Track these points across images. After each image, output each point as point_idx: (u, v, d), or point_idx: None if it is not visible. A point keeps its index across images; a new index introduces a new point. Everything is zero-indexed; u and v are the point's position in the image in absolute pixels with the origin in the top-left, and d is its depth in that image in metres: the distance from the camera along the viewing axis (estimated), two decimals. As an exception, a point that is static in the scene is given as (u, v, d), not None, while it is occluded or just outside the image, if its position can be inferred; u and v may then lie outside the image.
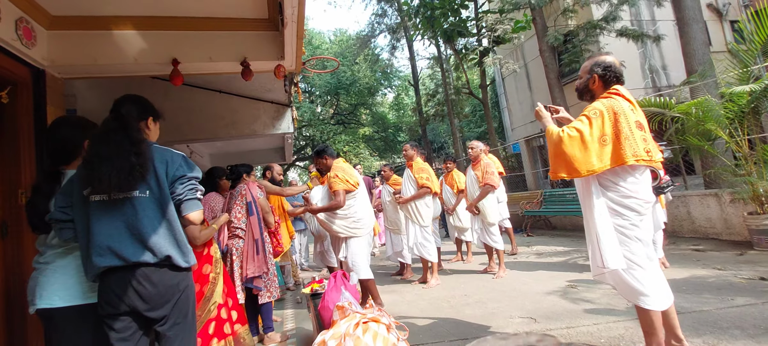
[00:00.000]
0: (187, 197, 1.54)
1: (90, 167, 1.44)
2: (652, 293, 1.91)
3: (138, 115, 1.65)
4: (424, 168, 4.56)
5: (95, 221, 1.47)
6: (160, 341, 1.55)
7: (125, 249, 1.45)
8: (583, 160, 1.91)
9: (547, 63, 8.34)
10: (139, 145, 1.48)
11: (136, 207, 1.48)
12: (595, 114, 1.95)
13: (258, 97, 5.73)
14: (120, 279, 1.46)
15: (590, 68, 2.10)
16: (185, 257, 1.55)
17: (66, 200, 1.53)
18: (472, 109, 20.00)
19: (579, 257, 4.98)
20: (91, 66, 3.03)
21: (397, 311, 3.72)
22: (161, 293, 1.49)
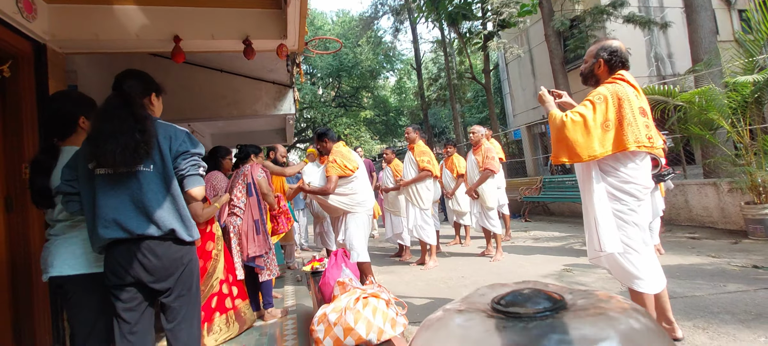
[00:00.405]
0: (189, 172, 1.56)
1: (95, 143, 1.46)
2: (646, 277, 1.95)
3: (141, 91, 1.65)
4: (425, 151, 4.57)
5: (101, 194, 1.50)
6: (165, 312, 1.60)
7: (130, 222, 1.48)
8: (585, 146, 1.91)
9: (552, 48, 8.25)
10: (144, 122, 1.50)
11: (141, 181, 1.51)
12: (599, 99, 1.94)
13: (260, 78, 5.70)
14: (125, 251, 1.49)
15: (596, 52, 2.09)
16: (189, 231, 1.59)
17: (72, 173, 1.56)
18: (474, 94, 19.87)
19: (575, 242, 5.04)
20: (92, 41, 3.01)
21: (395, 291, 3.79)
22: (165, 266, 1.53)
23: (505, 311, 0.28)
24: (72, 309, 1.63)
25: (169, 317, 1.59)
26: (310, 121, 21.42)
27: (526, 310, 0.28)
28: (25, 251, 2.65)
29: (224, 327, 2.94)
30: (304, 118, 21.56)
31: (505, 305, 0.29)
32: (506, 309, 0.28)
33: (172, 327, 1.59)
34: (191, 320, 1.65)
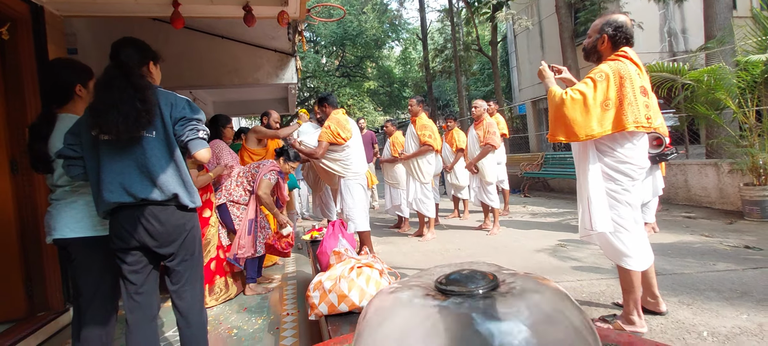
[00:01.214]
0: (189, 137, 1.59)
1: (97, 114, 1.48)
2: (635, 255, 2.00)
3: (139, 60, 1.65)
4: (427, 125, 4.55)
5: (105, 159, 1.53)
6: (169, 275, 1.67)
7: (134, 186, 1.52)
8: (584, 125, 1.88)
9: (563, 21, 8.03)
10: (144, 91, 1.51)
11: (145, 147, 1.54)
12: (600, 77, 1.90)
13: (261, 45, 5.62)
14: (130, 216, 1.54)
15: (600, 27, 2.03)
16: (191, 197, 1.63)
17: (75, 138, 1.58)
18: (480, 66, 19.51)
19: (572, 219, 5.10)
20: (90, 4, 2.98)
21: (392, 261, 3.89)
22: (169, 232, 1.58)
23: (444, 289, 0.30)
24: (76, 270, 1.70)
25: (173, 280, 1.67)
26: (313, 91, 21.17)
27: (460, 288, 0.30)
28: (32, 212, 2.73)
29: (224, 288, 3.06)
30: (307, 87, 21.30)
31: (445, 284, 0.31)
32: (445, 288, 0.31)
33: (176, 289, 1.67)
34: (194, 282, 1.72)
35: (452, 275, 0.33)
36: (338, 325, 1.50)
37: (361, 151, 3.52)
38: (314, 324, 2.35)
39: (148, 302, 1.66)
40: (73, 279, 1.73)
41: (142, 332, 1.63)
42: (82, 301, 1.70)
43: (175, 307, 1.70)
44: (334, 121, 3.43)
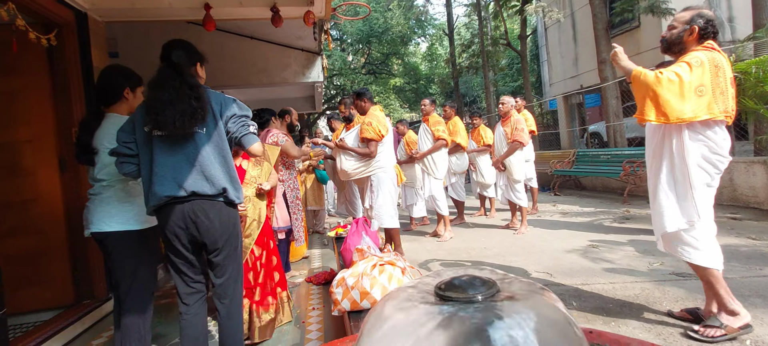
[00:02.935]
0: (242, 133, 1.68)
1: (153, 111, 1.56)
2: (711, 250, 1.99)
3: (187, 61, 1.74)
4: (439, 121, 4.54)
5: (158, 154, 1.62)
6: (213, 268, 1.76)
7: (186, 180, 1.61)
8: (676, 107, 1.87)
9: (596, 12, 7.67)
10: (198, 89, 1.60)
11: (197, 142, 1.63)
12: (697, 63, 1.88)
13: (289, 45, 5.73)
14: (179, 211, 1.63)
15: (690, 19, 1.99)
16: (237, 193, 1.71)
17: (129, 136, 1.68)
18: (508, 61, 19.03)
19: (605, 219, 4.90)
20: (128, 9, 3.14)
21: (417, 259, 3.89)
22: (216, 227, 1.67)
23: (443, 295, 0.30)
24: (113, 263, 1.81)
25: (217, 273, 1.75)
26: (340, 88, 21.38)
27: (459, 295, 0.30)
28: (78, 207, 2.90)
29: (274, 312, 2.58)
30: (334, 85, 21.53)
31: (444, 290, 0.31)
32: (445, 293, 0.30)
33: (221, 282, 1.76)
34: (237, 276, 1.82)
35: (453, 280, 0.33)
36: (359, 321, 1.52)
37: (391, 148, 3.56)
38: (338, 319, 2.39)
39: (201, 287, 1.78)
40: (112, 271, 1.85)
41: (199, 313, 1.74)
42: (121, 291, 1.81)
43: (217, 299, 1.78)
44: (374, 118, 3.41)
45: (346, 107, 3.86)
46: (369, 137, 3.32)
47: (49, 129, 2.89)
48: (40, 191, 2.88)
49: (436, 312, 0.29)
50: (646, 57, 10.84)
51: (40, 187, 2.88)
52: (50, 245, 2.87)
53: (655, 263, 3.11)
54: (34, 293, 2.82)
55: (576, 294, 2.65)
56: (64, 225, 2.90)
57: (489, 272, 0.35)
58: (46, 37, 2.69)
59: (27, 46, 2.65)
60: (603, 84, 7.48)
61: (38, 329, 2.44)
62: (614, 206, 5.72)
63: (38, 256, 2.85)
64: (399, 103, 24.69)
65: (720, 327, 1.92)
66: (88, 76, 2.99)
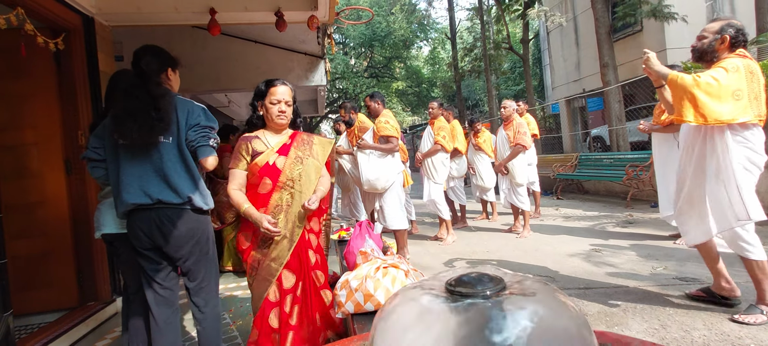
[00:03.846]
0: (199, 143, 1.67)
1: (118, 121, 1.59)
2: (758, 244, 2.09)
3: (158, 68, 1.75)
4: (443, 127, 4.55)
5: (125, 162, 1.64)
6: (186, 273, 1.77)
7: (152, 188, 1.62)
8: (715, 109, 1.95)
9: (599, 16, 7.69)
10: (159, 100, 1.60)
11: (161, 151, 1.64)
12: (733, 68, 1.99)
13: (292, 48, 5.77)
14: (146, 218, 1.64)
15: (720, 29, 2.11)
16: (205, 199, 1.72)
17: (99, 142, 1.71)
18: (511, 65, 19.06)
19: (608, 223, 4.89)
20: (134, 14, 3.17)
21: (420, 262, 3.89)
22: (182, 234, 1.68)
23: (454, 290, 0.31)
24: (122, 263, 1.83)
25: (190, 277, 1.76)
26: (342, 92, 21.46)
27: (469, 290, 0.31)
28: (84, 209, 2.94)
29: None
30: (337, 88, 21.61)
31: (454, 285, 0.33)
32: (455, 289, 0.31)
33: (194, 286, 1.76)
34: (210, 278, 1.82)
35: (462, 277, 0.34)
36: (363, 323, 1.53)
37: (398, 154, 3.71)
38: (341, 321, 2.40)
39: (171, 297, 1.76)
40: (121, 270, 1.88)
41: (168, 324, 1.73)
42: (130, 292, 1.83)
43: (192, 303, 1.79)
44: (390, 117, 3.67)
45: (346, 112, 3.89)
46: (389, 134, 3.57)
47: (56, 132, 2.91)
48: (46, 194, 2.90)
49: (446, 307, 0.30)
50: (648, 61, 10.84)
51: (46, 189, 2.90)
52: (55, 247, 2.89)
53: (658, 268, 3.10)
54: (39, 294, 2.84)
55: (578, 298, 2.64)
56: (70, 227, 2.92)
57: (496, 270, 0.36)
58: (54, 42, 2.73)
59: (34, 50, 2.68)
60: (606, 88, 7.48)
61: (43, 331, 2.46)
62: (617, 210, 5.71)
63: (43, 258, 2.87)
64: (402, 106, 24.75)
65: (762, 314, 2.07)
66: (94, 79, 3.02)
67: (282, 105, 1.83)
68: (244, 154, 1.83)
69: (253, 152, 1.82)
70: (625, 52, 11.39)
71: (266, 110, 1.85)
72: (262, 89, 1.87)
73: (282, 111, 1.84)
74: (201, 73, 5.53)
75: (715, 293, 2.32)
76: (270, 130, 1.90)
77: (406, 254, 3.95)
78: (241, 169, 1.83)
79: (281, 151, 1.84)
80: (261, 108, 1.88)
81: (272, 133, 1.90)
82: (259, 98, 1.88)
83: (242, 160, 1.83)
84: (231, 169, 1.83)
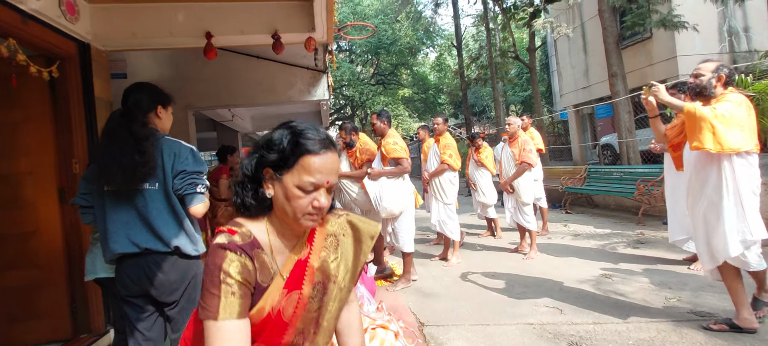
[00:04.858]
0: (186, 191, 1.59)
1: (100, 163, 1.53)
2: None
3: (147, 106, 1.68)
4: (449, 144, 4.43)
5: (110, 209, 1.58)
6: (170, 322, 1.70)
7: (138, 236, 1.55)
8: (730, 138, 2.15)
9: (606, 25, 7.53)
10: (142, 142, 1.53)
11: (146, 198, 1.57)
12: (738, 102, 2.25)
13: (294, 63, 5.72)
14: (133, 265, 1.57)
15: (716, 68, 2.35)
16: (194, 245, 1.64)
17: (87, 186, 1.64)
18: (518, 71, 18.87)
19: (618, 243, 4.72)
20: (130, 39, 3.13)
21: (422, 285, 3.78)
22: (171, 281, 1.60)
23: None
24: (114, 306, 1.78)
25: (173, 327, 1.68)
26: (349, 99, 21.47)
27: None
28: (78, 239, 2.89)
29: None
30: (343, 95, 21.64)
31: None
32: None
33: (176, 337, 1.68)
34: None
35: None
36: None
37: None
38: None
39: None
40: (113, 312, 1.82)
41: None
42: (122, 330, 1.77)
43: None
44: (397, 137, 3.70)
45: (346, 133, 3.80)
46: (399, 156, 3.58)
47: (50, 160, 2.88)
48: (39, 223, 2.86)
49: None
50: (658, 69, 10.60)
51: (40, 218, 2.86)
52: (48, 278, 2.85)
53: (671, 299, 2.95)
54: (31, 326, 2.79)
55: (588, 335, 2.51)
56: (63, 257, 2.87)
57: None
58: (48, 70, 2.69)
59: (28, 79, 2.65)
60: (615, 99, 7.31)
61: (33, 367, 2.40)
62: (628, 226, 5.53)
63: (36, 288, 2.82)
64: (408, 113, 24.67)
65: None
66: (90, 106, 2.99)
67: (321, 195, 0.89)
68: (234, 288, 0.86)
69: (250, 284, 0.89)
70: (634, 59, 11.17)
71: (285, 196, 0.88)
72: (284, 149, 0.89)
73: (318, 208, 0.89)
74: (203, 89, 5.51)
75: (737, 325, 2.33)
76: (278, 230, 0.95)
77: (411, 277, 3.85)
78: (231, 321, 0.85)
79: (292, 282, 0.94)
80: (270, 185, 0.91)
81: (281, 237, 0.95)
82: (272, 165, 0.90)
83: (232, 301, 0.85)
84: (213, 324, 0.85)
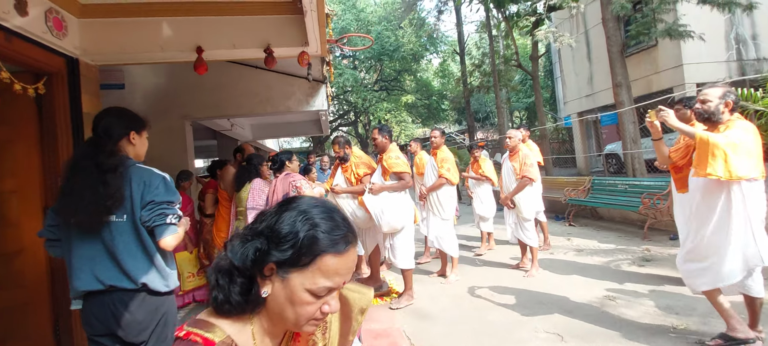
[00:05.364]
0: (155, 222, 1.50)
1: (62, 198, 1.44)
2: None
3: (119, 133, 1.58)
4: (447, 158, 4.32)
5: (76, 243, 1.49)
6: None
7: (103, 273, 1.46)
8: (739, 165, 2.16)
9: (610, 34, 7.41)
10: (106, 174, 1.44)
11: (113, 231, 1.47)
12: (746, 130, 2.27)
13: (292, 73, 5.67)
14: (99, 303, 1.48)
15: (723, 94, 2.35)
16: (165, 281, 1.54)
17: (55, 219, 1.55)
18: (522, 78, 18.76)
19: (623, 260, 4.57)
20: (120, 53, 3.07)
21: (418, 306, 3.66)
22: (138, 321, 1.50)
23: None
24: None
25: None
26: (352, 105, 21.44)
27: None
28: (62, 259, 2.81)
29: None
30: (347, 101, 21.62)
31: None
32: None
33: None
34: None
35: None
36: None
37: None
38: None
39: None
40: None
41: None
42: None
43: None
44: (398, 152, 3.69)
45: (340, 147, 3.72)
46: (401, 171, 3.57)
47: (35, 179, 2.81)
48: (24, 243, 2.78)
49: None
50: (664, 77, 10.44)
51: (25, 238, 2.78)
52: (32, 298, 2.76)
53: (679, 325, 2.81)
54: (13, 348, 2.71)
55: (589, 367, 2.38)
56: (47, 277, 2.80)
57: None
58: (34, 87, 2.63)
59: (13, 95, 2.59)
60: (619, 110, 7.17)
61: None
62: (633, 241, 5.37)
63: (20, 309, 2.74)
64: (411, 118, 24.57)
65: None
66: (77, 123, 2.92)
67: (334, 298, 0.73)
68: None
69: None
70: (638, 67, 11.01)
71: (290, 299, 0.69)
72: (299, 245, 0.68)
73: (327, 313, 0.72)
74: (201, 99, 5.46)
75: (732, 336, 2.40)
76: (266, 330, 0.75)
77: (410, 297, 3.73)
78: None
79: None
80: (268, 282, 0.70)
81: (268, 337, 0.76)
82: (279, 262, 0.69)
83: None
84: None
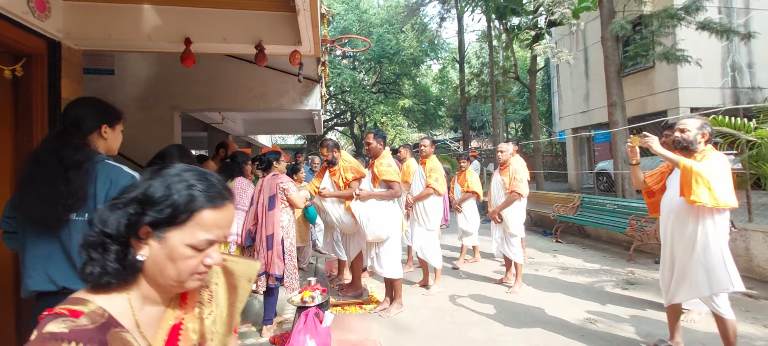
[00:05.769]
0: None
1: (20, 193, 1.36)
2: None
3: (89, 125, 1.49)
4: (435, 168, 4.27)
5: (32, 240, 1.40)
6: None
7: (56, 273, 1.38)
8: (721, 194, 2.29)
9: (608, 53, 7.42)
10: (68, 171, 1.35)
11: (71, 230, 1.39)
12: (721, 162, 2.40)
13: (287, 71, 5.59)
14: (52, 305, 1.39)
15: (701, 125, 2.47)
16: None
17: (13, 211, 1.46)
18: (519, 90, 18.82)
19: (607, 282, 4.55)
20: (105, 39, 2.98)
21: (398, 317, 3.60)
22: None
23: None
24: None
25: None
26: (349, 106, 21.36)
27: None
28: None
29: None
30: (344, 101, 21.53)
31: None
32: None
33: None
34: None
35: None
36: None
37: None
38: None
39: None
40: None
41: None
42: None
43: None
44: (390, 159, 3.59)
45: (328, 150, 3.65)
46: (392, 179, 3.46)
47: (7, 163, 2.70)
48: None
49: None
50: (659, 99, 10.51)
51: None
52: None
53: (657, 355, 2.78)
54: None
55: (564, 394, 2.34)
56: (11, 275, 2.68)
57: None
58: (11, 69, 2.54)
59: (-11, 76, 2.49)
60: (613, 129, 7.18)
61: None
62: (618, 262, 5.36)
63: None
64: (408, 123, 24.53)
65: None
66: (55, 108, 2.82)
67: (215, 250, 0.76)
68: None
69: None
70: (635, 87, 11.09)
71: (170, 257, 0.73)
72: (176, 203, 0.73)
73: (209, 266, 0.76)
74: (193, 90, 5.36)
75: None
76: (147, 297, 0.79)
77: (400, 306, 3.67)
78: None
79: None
80: (144, 245, 0.75)
81: (151, 305, 0.80)
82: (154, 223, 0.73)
83: None
84: None
